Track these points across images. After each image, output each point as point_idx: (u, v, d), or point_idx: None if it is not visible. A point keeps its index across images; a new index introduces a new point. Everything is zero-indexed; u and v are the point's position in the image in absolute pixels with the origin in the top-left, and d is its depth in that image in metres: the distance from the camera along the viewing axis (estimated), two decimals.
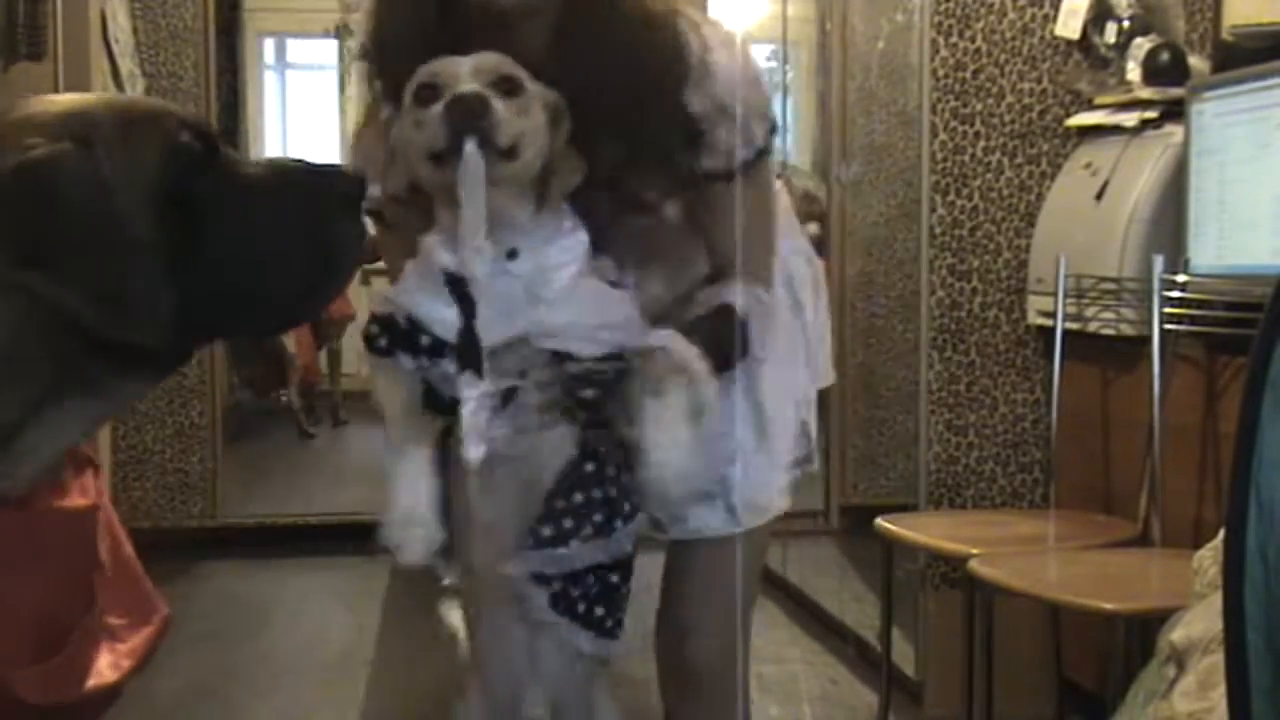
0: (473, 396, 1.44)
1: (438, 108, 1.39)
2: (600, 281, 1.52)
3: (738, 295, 1.57)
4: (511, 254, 1.44)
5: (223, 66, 5.69)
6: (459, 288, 1.43)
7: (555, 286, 1.46)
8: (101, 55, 4.42)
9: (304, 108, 7.41)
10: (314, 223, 1.18)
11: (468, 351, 1.43)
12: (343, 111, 7.16)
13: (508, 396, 1.47)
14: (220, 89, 5.28)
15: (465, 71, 1.42)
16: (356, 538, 5.32)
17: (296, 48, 7.70)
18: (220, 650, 3.67)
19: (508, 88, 1.42)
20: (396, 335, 1.47)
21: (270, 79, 7.54)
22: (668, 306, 1.59)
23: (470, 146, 1.37)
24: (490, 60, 1.44)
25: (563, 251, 1.47)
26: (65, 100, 1.16)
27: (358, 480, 5.51)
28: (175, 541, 4.75)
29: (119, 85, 4.52)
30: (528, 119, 1.43)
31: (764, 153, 1.61)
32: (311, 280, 1.20)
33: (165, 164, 1.12)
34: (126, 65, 4.56)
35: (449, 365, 1.45)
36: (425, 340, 1.45)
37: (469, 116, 1.37)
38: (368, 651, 3.20)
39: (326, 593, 4.33)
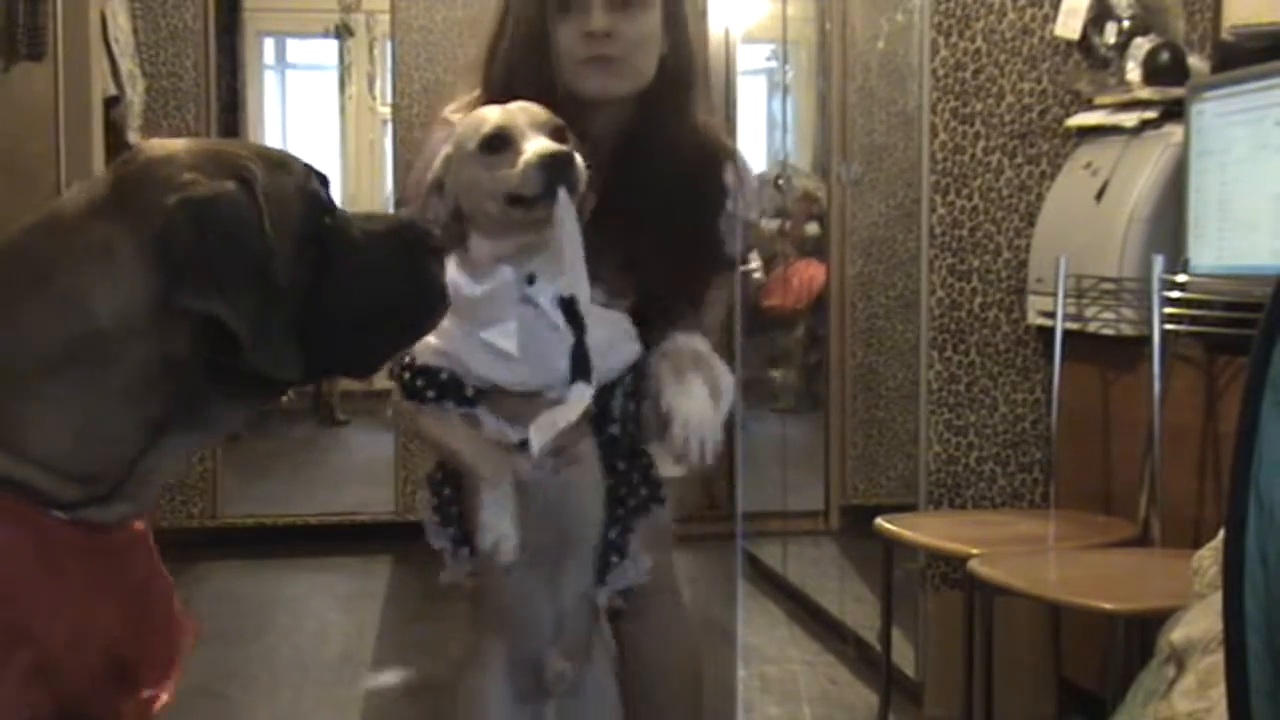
0: (586, 399, 1.67)
1: (528, 157, 1.61)
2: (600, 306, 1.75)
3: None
4: (530, 279, 1.67)
5: (223, 66, 5.67)
6: (570, 307, 1.66)
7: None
8: (101, 55, 4.42)
9: (304, 108, 7.40)
10: (410, 265, 1.27)
11: (581, 363, 1.66)
12: (343, 111, 7.16)
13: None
14: (220, 89, 5.28)
15: (524, 123, 1.66)
16: (356, 538, 5.37)
17: (296, 48, 7.69)
18: (220, 650, 3.66)
19: (561, 136, 1.65)
20: (443, 385, 1.69)
21: (270, 79, 7.53)
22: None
23: (563, 194, 1.60)
24: (540, 113, 1.67)
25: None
26: (200, 142, 1.25)
27: (358, 480, 5.52)
28: (175, 541, 4.75)
29: (119, 85, 4.52)
30: None
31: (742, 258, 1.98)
32: (409, 318, 1.31)
33: (302, 206, 1.20)
34: (126, 65, 4.56)
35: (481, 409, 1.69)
36: (469, 390, 1.69)
37: (563, 169, 1.60)
38: (368, 651, 3.20)
39: (326, 593, 4.33)
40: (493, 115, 1.68)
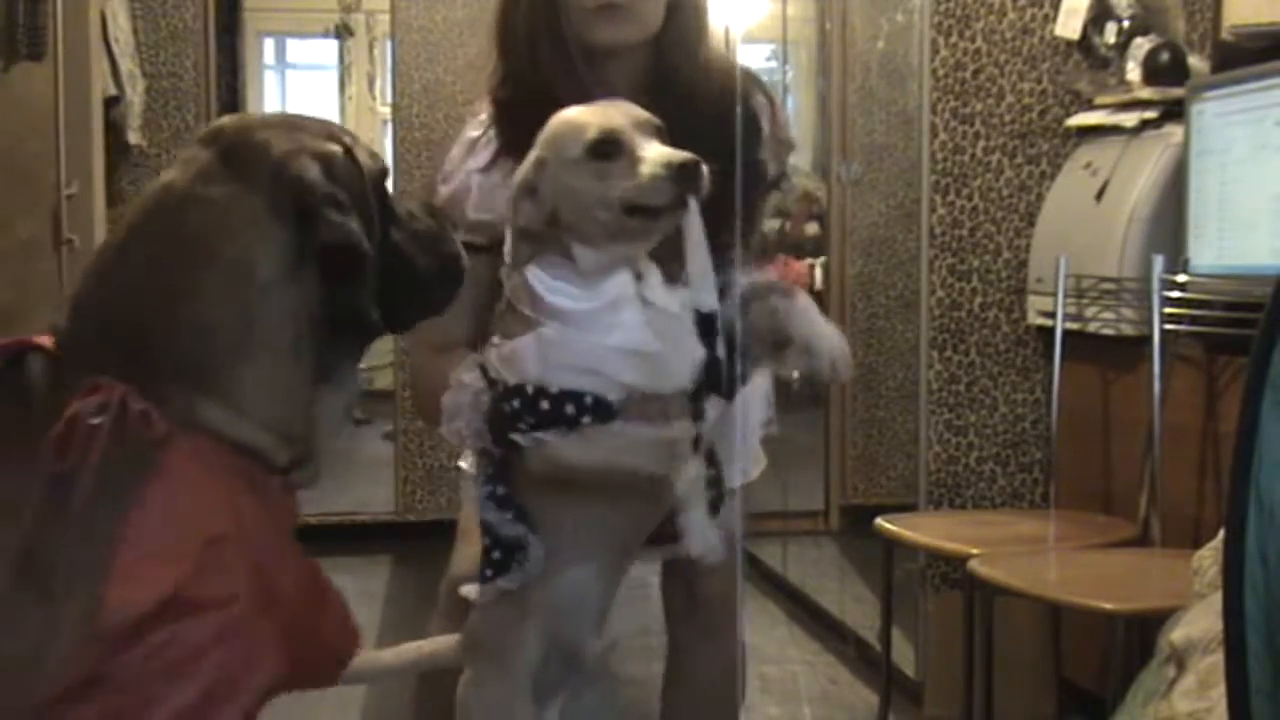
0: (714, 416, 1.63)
1: (653, 168, 1.55)
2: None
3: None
4: (638, 276, 1.61)
5: (223, 66, 5.68)
6: (708, 322, 1.61)
7: None
8: (101, 55, 4.42)
9: (304, 108, 7.40)
10: (438, 241, 1.40)
11: (716, 378, 1.62)
12: (343, 111, 7.15)
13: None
14: (220, 89, 5.28)
15: (629, 125, 1.59)
16: (356, 538, 5.36)
17: (296, 48, 7.69)
18: None
19: (662, 136, 1.60)
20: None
21: (270, 79, 7.53)
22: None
23: (693, 203, 1.55)
24: (641, 114, 1.61)
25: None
26: (286, 115, 1.34)
27: (358, 480, 5.51)
28: None
29: (119, 85, 4.52)
30: None
31: (783, 175, 1.93)
32: (438, 287, 1.42)
33: (376, 178, 1.31)
34: (126, 65, 4.56)
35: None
36: (570, 409, 1.57)
37: (693, 177, 1.55)
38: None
39: None
40: (593, 118, 1.60)
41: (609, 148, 1.58)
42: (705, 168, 1.56)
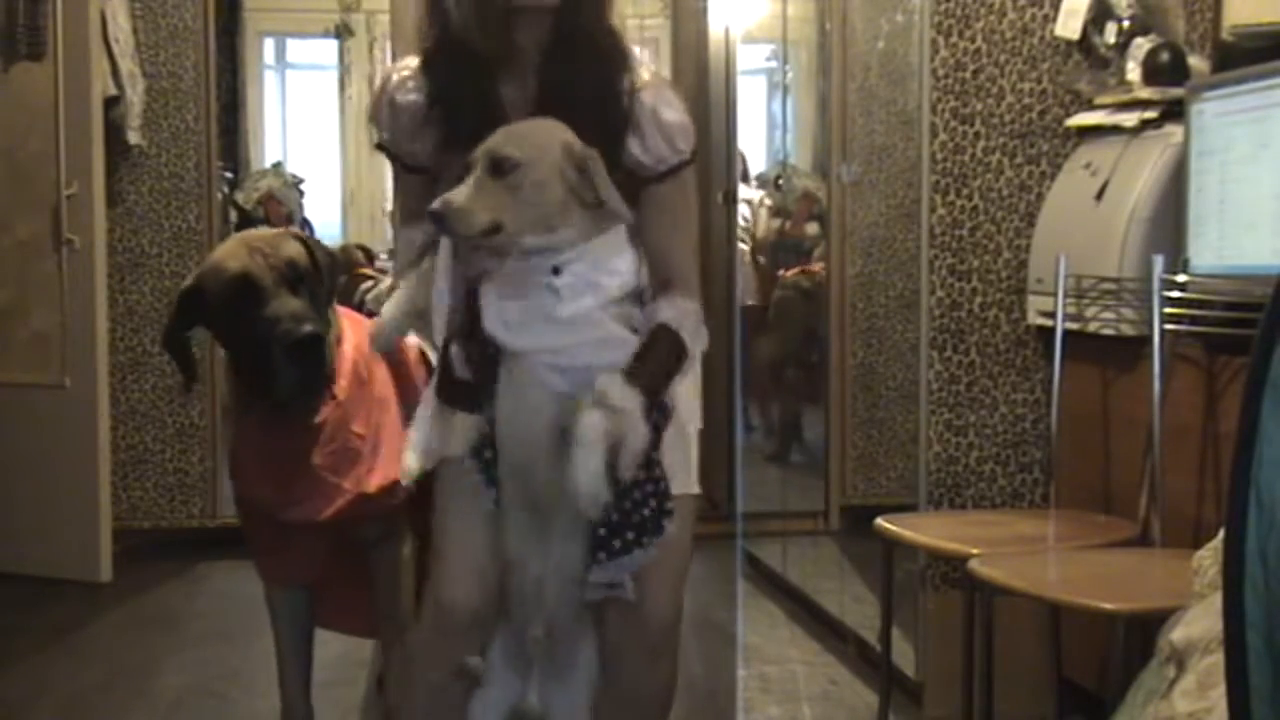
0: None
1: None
2: None
3: (670, 309, 1.93)
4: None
5: (223, 66, 5.68)
6: None
7: None
8: (101, 55, 4.42)
9: (304, 108, 7.39)
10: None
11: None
12: (343, 111, 7.15)
13: None
14: (220, 89, 5.28)
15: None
16: None
17: (296, 48, 7.68)
18: (220, 650, 3.67)
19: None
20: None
21: (270, 79, 7.52)
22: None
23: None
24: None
25: None
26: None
27: None
28: (175, 541, 4.76)
29: (119, 85, 4.52)
30: None
31: (688, 162, 2.01)
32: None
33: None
34: (126, 65, 4.56)
35: None
36: None
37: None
38: (367, 651, 3.20)
39: None
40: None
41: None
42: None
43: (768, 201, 5.42)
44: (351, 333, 2.47)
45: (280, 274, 2.28)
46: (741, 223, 5.28)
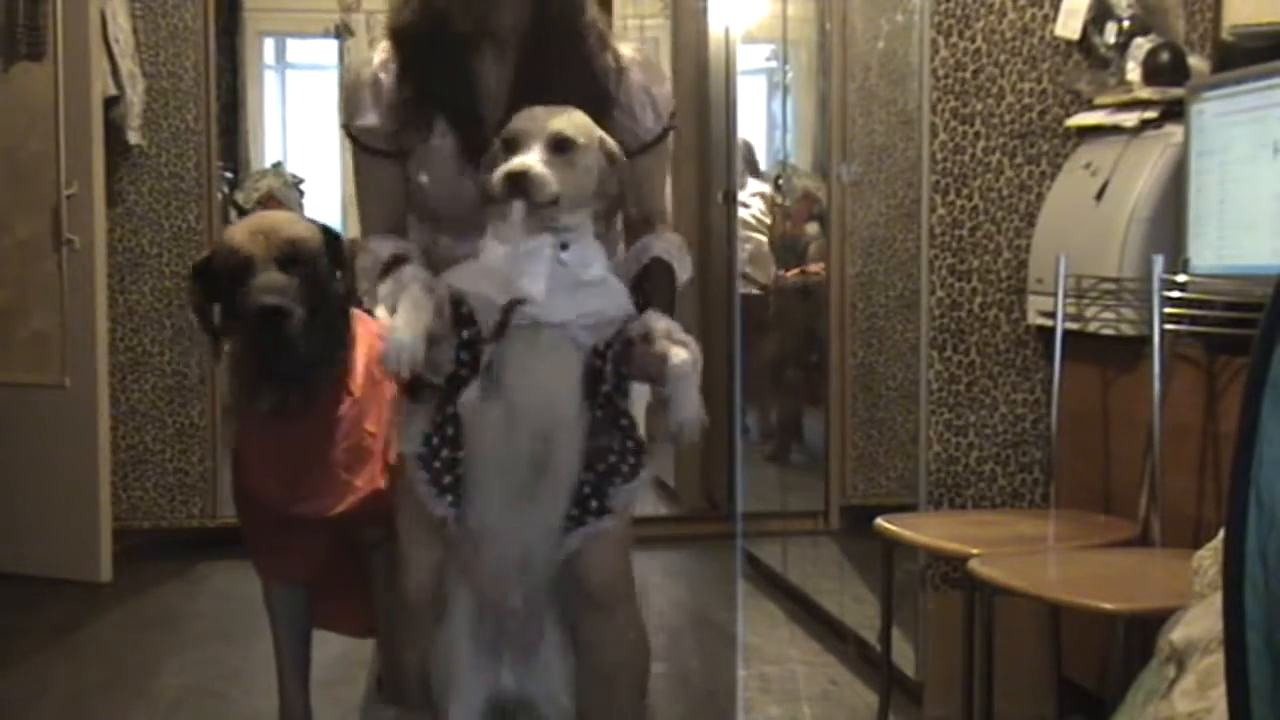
0: None
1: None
2: None
3: (659, 243, 2.13)
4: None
5: (223, 66, 5.68)
6: None
7: None
8: (101, 55, 4.42)
9: (304, 108, 7.39)
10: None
11: None
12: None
13: None
14: (220, 89, 5.28)
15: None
16: None
17: (296, 48, 7.68)
18: (220, 650, 3.67)
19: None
20: None
21: (270, 79, 7.52)
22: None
23: None
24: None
25: None
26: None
27: None
28: (175, 541, 4.76)
29: (119, 85, 4.52)
30: None
31: (668, 131, 2.18)
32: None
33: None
34: (126, 65, 4.56)
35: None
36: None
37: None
38: (367, 651, 3.20)
39: None
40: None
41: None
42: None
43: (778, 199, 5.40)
44: (364, 332, 2.47)
45: (277, 251, 2.27)
46: (757, 215, 5.26)
